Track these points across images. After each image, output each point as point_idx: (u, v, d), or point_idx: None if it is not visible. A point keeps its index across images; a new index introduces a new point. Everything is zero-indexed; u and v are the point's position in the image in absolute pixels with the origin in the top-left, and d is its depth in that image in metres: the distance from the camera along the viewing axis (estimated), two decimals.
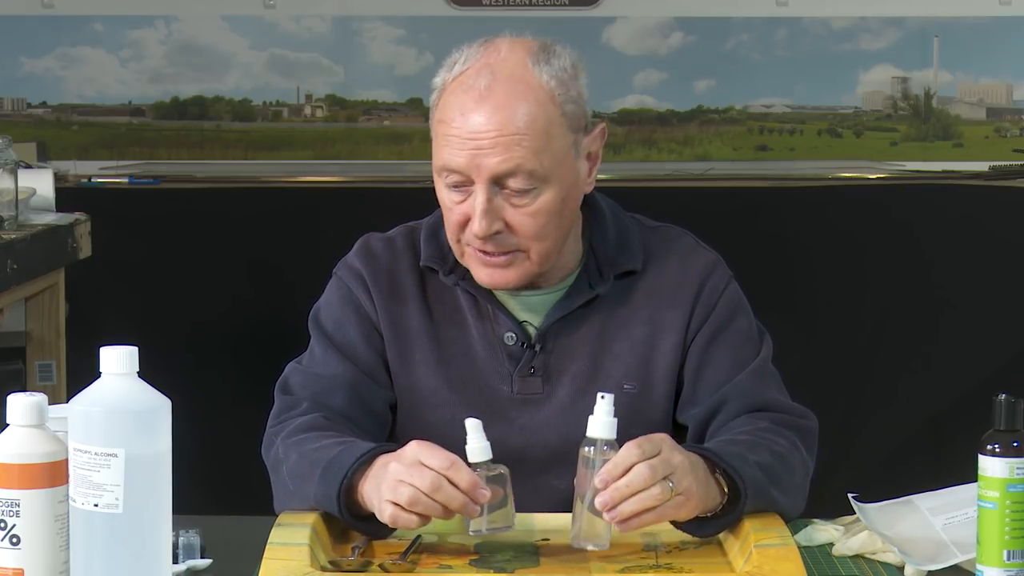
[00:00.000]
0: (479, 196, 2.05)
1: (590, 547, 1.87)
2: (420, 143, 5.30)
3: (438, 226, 2.20)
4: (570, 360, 2.15)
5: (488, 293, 2.16)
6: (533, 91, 2.04)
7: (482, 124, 2.03)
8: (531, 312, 2.17)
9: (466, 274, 2.16)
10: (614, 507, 1.82)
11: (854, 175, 5.25)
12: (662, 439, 1.88)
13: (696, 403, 2.14)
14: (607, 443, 1.86)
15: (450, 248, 2.17)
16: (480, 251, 2.09)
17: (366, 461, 1.94)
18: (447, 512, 1.85)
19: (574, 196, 2.12)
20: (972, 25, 5.41)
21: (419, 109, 5.33)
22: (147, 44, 5.38)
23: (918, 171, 5.29)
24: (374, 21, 5.40)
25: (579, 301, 2.15)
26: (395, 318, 2.17)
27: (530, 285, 2.15)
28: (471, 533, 1.86)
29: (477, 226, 2.05)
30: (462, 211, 2.08)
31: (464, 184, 2.07)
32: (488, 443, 1.87)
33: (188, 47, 5.39)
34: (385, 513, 1.87)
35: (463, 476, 1.84)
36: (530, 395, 2.14)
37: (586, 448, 1.87)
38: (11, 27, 5.33)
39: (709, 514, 1.93)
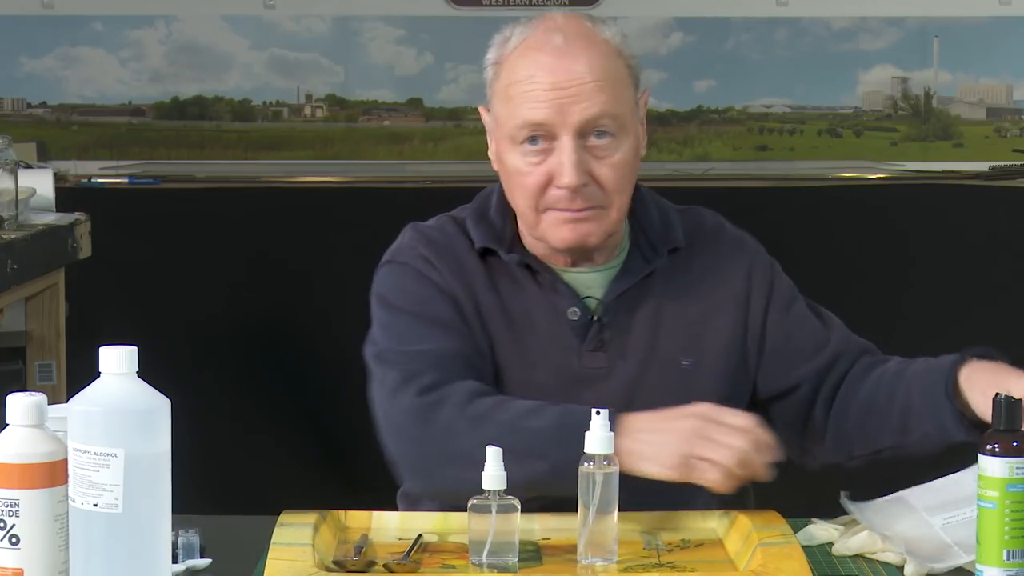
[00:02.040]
0: (566, 147, 2.08)
1: (599, 563, 1.87)
2: (420, 143, 5.30)
3: (484, 210, 2.22)
4: (629, 335, 2.17)
5: (548, 269, 2.17)
6: (602, 45, 2.13)
7: (565, 75, 2.08)
8: (591, 289, 2.19)
9: (524, 251, 2.18)
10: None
11: (854, 175, 5.25)
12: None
13: (794, 366, 2.21)
14: (606, 458, 1.87)
15: (503, 227, 2.18)
16: (563, 210, 2.10)
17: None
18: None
19: (638, 154, 2.18)
20: (972, 25, 5.40)
21: (419, 109, 5.33)
22: (147, 44, 5.37)
23: (918, 171, 5.29)
24: (374, 21, 5.40)
25: (638, 276, 2.18)
26: (470, 296, 2.16)
27: (585, 260, 2.18)
28: (472, 563, 1.86)
29: (567, 177, 2.08)
30: (542, 171, 2.10)
31: (544, 141, 2.09)
32: (505, 473, 1.86)
33: (188, 47, 5.38)
34: (676, 470, 1.92)
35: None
36: (595, 369, 2.16)
37: (585, 464, 1.87)
38: (11, 27, 5.32)
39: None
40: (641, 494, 1.95)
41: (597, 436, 1.87)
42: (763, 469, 1.92)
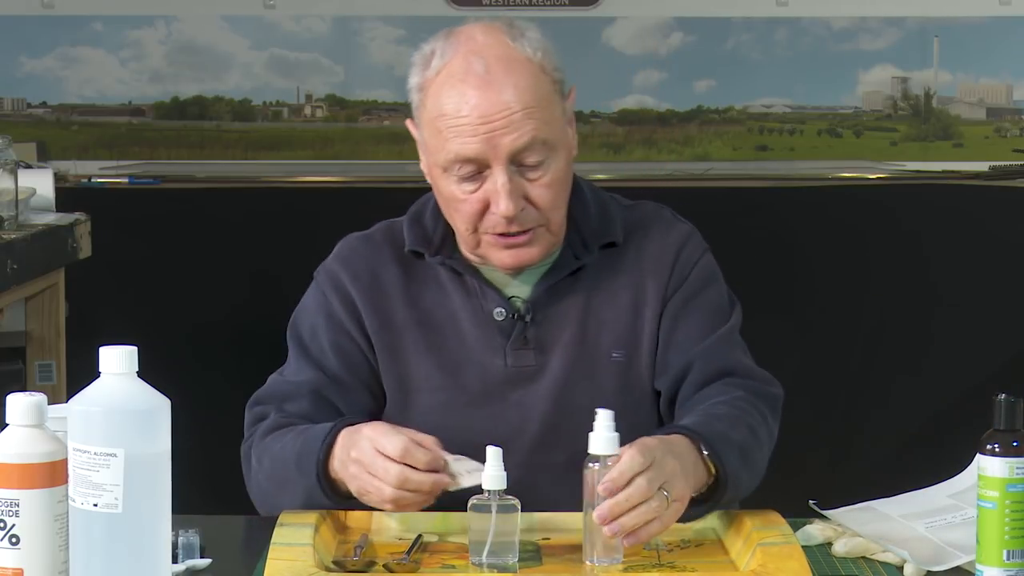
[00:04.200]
0: (500, 177, 2.07)
1: (606, 563, 1.87)
2: None
3: (421, 212, 2.23)
4: (560, 330, 2.17)
5: (474, 271, 2.18)
6: (526, 65, 2.09)
7: (492, 106, 2.06)
8: (518, 287, 2.19)
9: (452, 254, 2.19)
10: (614, 520, 1.83)
11: (854, 175, 5.25)
12: (655, 444, 1.89)
13: (667, 370, 2.16)
14: (611, 459, 1.86)
15: (434, 230, 2.20)
16: (502, 235, 2.11)
17: (331, 443, 2.01)
18: (428, 495, 1.91)
19: (571, 161, 2.16)
20: (972, 25, 5.41)
21: None
22: (147, 44, 5.38)
23: (918, 171, 5.29)
24: (374, 21, 5.40)
25: (565, 272, 2.18)
26: (381, 313, 2.18)
27: None
28: (472, 563, 1.86)
29: (504, 207, 2.07)
30: (477, 198, 2.10)
31: (477, 172, 2.08)
32: (505, 473, 1.85)
33: (188, 47, 5.38)
34: (362, 499, 1.96)
35: (418, 458, 1.91)
36: (523, 368, 2.15)
37: (591, 465, 1.87)
38: (11, 27, 5.32)
39: (695, 494, 1.94)
40: None
41: (601, 437, 1.87)
42: (420, 499, 1.93)
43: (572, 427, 1.92)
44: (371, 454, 1.93)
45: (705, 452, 1.95)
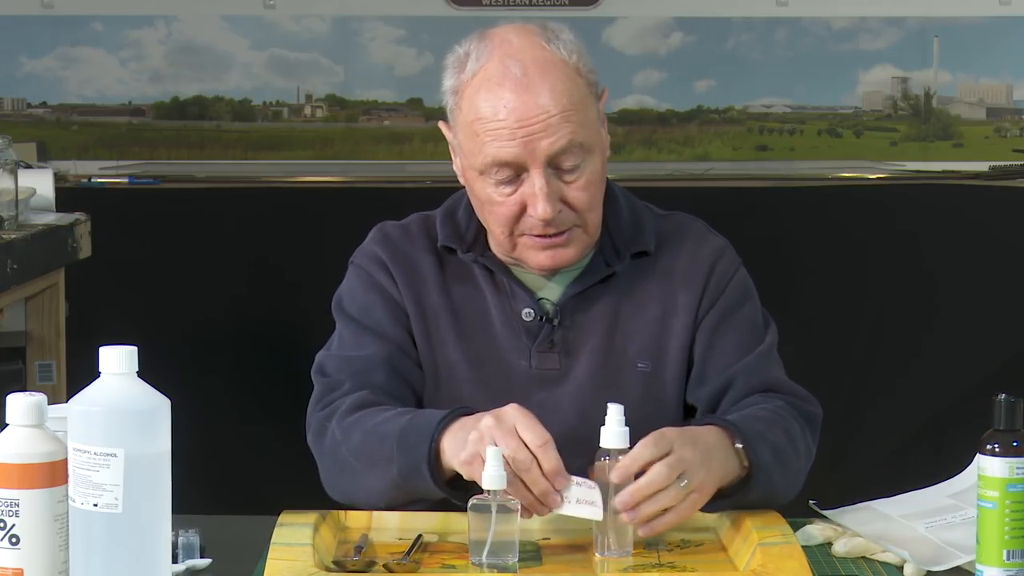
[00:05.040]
0: (537, 181, 2.08)
1: (616, 555, 1.87)
2: (420, 143, 5.30)
3: (454, 209, 2.23)
4: (586, 336, 2.17)
5: (505, 270, 2.18)
6: (562, 68, 2.09)
7: (529, 110, 2.06)
8: (548, 290, 2.19)
9: (484, 251, 2.19)
10: (634, 507, 1.83)
11: (854, 175, 5.25)
12: (674, 435, 1.89)
13: (705, 383, 2.17)
14: (621, 453, 1.87)
15: (467, 227, 2.20)
16: (539, 236, 2.11)
17: (446, 424, 1.96)
18: (526, 491, 1.86)
19: (605, 162, 2.16)
20: (972, 25, 5.41)
21: (419, 109, 5.33)
22: (147, 44, 5.38)
23: (918, 171, 5.29)
24: (374, 21, 5.40)
25: (596, 278, 2.18)
26: (417, 297, 2.19)
27: None
28: (472, 563, 1.86)
29: (542, 210, 2.07)
30: (514, 201, 2.10)
31: (514, 175, 2.09)
32: (505, 473, 1.85)
33: (188, 47, 5.39)
34: (467, 466, 1.89)
35: (551, 458, 1.86)
36: (547, 370, 2.16)
37: (601, 459, 1.88)
38: (11, 27, 5.33)
39: (724, 486, 1.95)
40: None
41: (612, 431, 1.87)
42: (521, 491, 1.86)
43: (594, 433, 1.92)
44: (507, 430, 1.88)
45: (739, 445, 1.96)
